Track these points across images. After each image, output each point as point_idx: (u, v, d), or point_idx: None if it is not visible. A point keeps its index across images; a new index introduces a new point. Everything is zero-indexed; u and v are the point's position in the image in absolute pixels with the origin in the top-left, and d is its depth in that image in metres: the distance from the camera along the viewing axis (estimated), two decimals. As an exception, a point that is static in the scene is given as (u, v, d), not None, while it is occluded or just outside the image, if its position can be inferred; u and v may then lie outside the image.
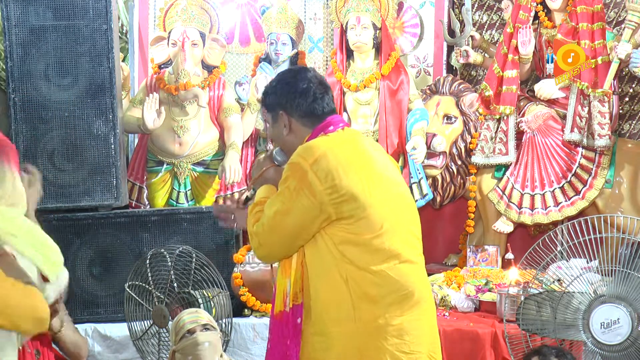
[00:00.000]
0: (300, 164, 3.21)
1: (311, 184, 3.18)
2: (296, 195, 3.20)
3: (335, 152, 3.24)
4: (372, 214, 3.22)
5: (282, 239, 3.26)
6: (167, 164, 6.24)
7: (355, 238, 3.20)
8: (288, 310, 3.28)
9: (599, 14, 5.85)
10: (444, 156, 6.15)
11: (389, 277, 3.21)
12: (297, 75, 3.45)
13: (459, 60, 6.40)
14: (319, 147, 3.24)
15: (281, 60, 6.36)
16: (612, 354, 4.49)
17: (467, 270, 5.93)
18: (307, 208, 3.19)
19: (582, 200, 5.90)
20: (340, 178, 3.19)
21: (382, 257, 3.22)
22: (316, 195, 3.18)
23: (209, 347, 4.37)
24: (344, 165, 3.23)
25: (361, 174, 3.26)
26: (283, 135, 3.40)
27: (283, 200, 3.23)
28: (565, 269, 4.76)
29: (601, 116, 5.76)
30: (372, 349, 3.19)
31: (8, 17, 5.52)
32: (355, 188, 3.20)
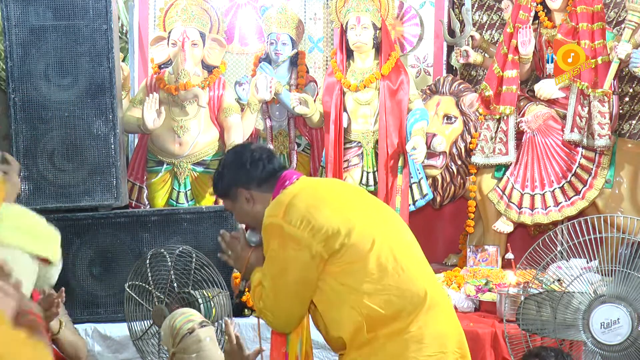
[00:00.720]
0: (272, 222, 3.22)
1: (292, 235, 3.16)
2: (283, 252, 3.18)
3: (299, 197, 3.25)
4: (360, 234, 3.19)
5: (291, 300, 3.24)
6: (167, 164, 6.24)
7: (352, 266, 3.17)
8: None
9: (599, 14, 5.85)
10: (444, 156, 6.15)
11: (397, 289, 3.17)
12: (238, 152, 3.51)
13: (459, 60, 6.40)
14: (282, 200, 3.26)
15: (281, 60, 6.36)
16: (612, 354, 4.49)
17: (467, 270, 5.94)
18: (299, 259, 3.16)
19: (582, 200, 5.91)
20: (315, 218, 3.17)
21: (383, 271, 3.19)
22: (301, 243, 3.15)
23: (211, 342, 4.40)
24: (312, 204, 3.22)
25: (332, 204, 3.26)
26: (248, 210, 3.41)
27: (274, 263, 3.22)
28: (565, 269, 4.76)
29: (601, 116, 5.77)
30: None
31: (8, 17, 5.52)
32: (332, 221, 3.18)
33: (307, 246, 3.14)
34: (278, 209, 3.21)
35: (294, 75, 6.40)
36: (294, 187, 3.33)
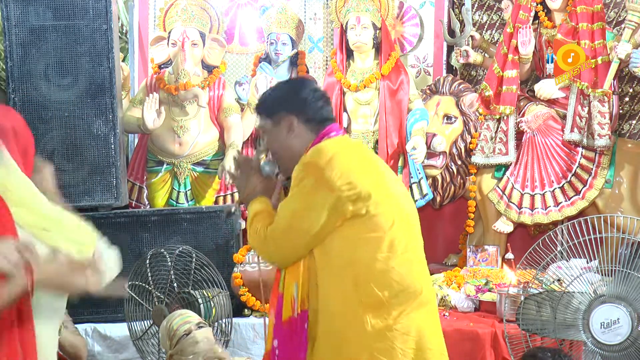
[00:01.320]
0: (315, 162, 3.21)
1: (328, 181, 3.17)
2: (314, 193, 3.18)
3: (345, 153, 3.28)
4: (384, 211, 3.22)
5: (300, 238, 3.22)
6: (167, 164, 6.25)
7: (367, 236, 3.19)
8: (296, 316, 3.26)
9: (598, 14, 5.85)
10: (444, 156, 6.15)
11: (399, 275, 3.20)
12: (303, 82, 3.51)
13: (459, 60, 6.40)
14: (329, 148, 3.26)
15: (281, 60, 6.36)
16: (612, 353, 4.49)
17: (467, 270, 5.94)
18: (325, 205, 3.17)
19: (582, 200, 5.91)
20: (354, 176, 3.20)
21: (393, 254, 3.21)
22: (334, 191, 3.16)
23: (207, 343, 4.41)
24: (355, 164, 3.27)
25: (371, 174, 3.30)
26: (284, 139, 3.36)
27: (300, 200, 3.21)
28: (565, 269, 4.76)
29: (601, 116, 5.76)
30: (383, 350, 3.18)
31: (8, 17, 5.53)
32: (367, 185, 3.21)
33: (338, 197, 3.16)
34: (324, 154, 3.22)
35: (293, 75, 6.40)
36: (339, 140, 3.35)
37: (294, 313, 3.26)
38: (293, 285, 3.27)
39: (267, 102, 3.45)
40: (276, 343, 3.32)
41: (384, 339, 3.17)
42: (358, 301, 3.18)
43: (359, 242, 3.19)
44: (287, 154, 3.37)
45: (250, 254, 5.58)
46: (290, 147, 3.36)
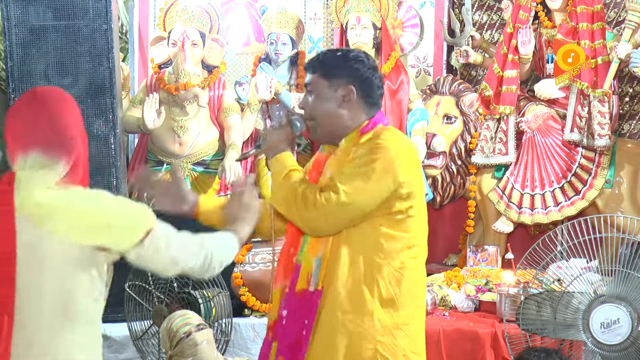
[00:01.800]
0: (390, 149, 3.15)
1: (396, 172, 3.13)
2: (380, 178, 3.12)
3: (411, 151, 3.29)
4: (419, 216, 3.25)
5: (351, 215, 3.15)
6: (167, 164, 6.24)
7: (398, 234, 3.20)
8: (312, 290, 3.22)
9: (599, 14, 5.85)
10: (443, 156, 6.15)
11: (414, 280, 3.23)
12: (368, 57, 3.35)
13: (459, 60, 6.40)
14: (401, 140, 3.25)
15: (281, 60, 6.36)
16: (612, 353, 4.49)
17: (467, 270, 5.94)
18: (384, 192, 3.14)
19: (582, 200, 5.91)
20: (413, 176, 3.21)
21: (415, 258, 3.25)
22: (395, 183, 3.14)
23: (207, 345, 4.40)
24: (415, 164, 3.28)
25: (421, 179, 3.33)
26: (336, 106, 3.25)
27: (366, 179, 3.12)
28: (565, 269, 4.76)
29: (601, 116, 5.76)
30: (386, 346, 3.19)
31: (8, 17, 5.52)
32: (417, 188, 3.23)
33: (396, 191, 3.14)
34: (400, 144, 3.19)
35: (294, 75, 6.40)
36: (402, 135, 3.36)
37: (309, 286, 3.22)
38: (314, 259, 3.23)
39: (328, 63, 3.29)
40: (285, 313, 3.28)
41: (389, 335, 3.18)
42: (371, 292, 3.17)
43: (389, 237, 3.19)
44: (332, 121, 3.26)
45: (250, 254, 5.57)
46: (339, 116, 3.25)
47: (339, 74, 3.24)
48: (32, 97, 2.85)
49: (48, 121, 2.80)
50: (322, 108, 3.25)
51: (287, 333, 3.26)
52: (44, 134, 2.75)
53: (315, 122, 3.28)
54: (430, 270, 6.15)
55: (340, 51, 3.36)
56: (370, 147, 3.16)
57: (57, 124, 2.80)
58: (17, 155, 2.75)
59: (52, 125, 2.78)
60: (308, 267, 3.24)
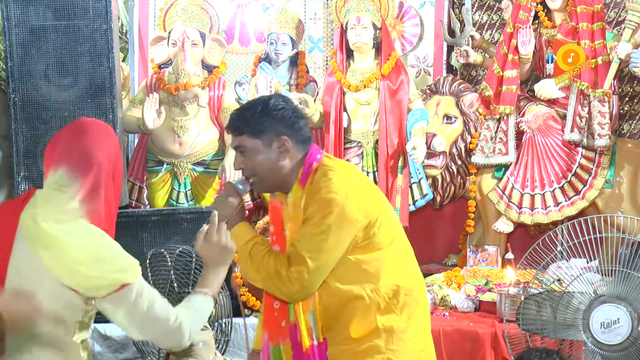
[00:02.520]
0: (335, 200, 3.15)
1: (350, 216, 3.15)
2: (338, 231, 3.15)
3: (354, 182, 3.26)
4: (387, 228, 3.26)
5: (325, 273, 3.20)
6: (167, 164, 6.25)
7: (372, 255, 3.23)
8: (317, 343, 3.26)
9: (599, 13, 5.85)
10: (444, 156, 6.15)
11: (404, 282, 3.27)
12: (286, 100, 3.37)
13: (459, 60, 6.40)
14: (341, 180, 3.21)
15: (281, 60, 6.36)
16: (612, 353, 4.49)
17: (467, 270, 5.94)
18: (347, 239, 3.17)
19: (582, 200, 5.91)
20: (367, 205, 3.22)
21: (397, 265, 3.28)
22: (355, 225, 3.16)
23: (204, 347, 4.38)
24: (364, 192, 3.27)
25: (375, 197, 3.32)
26: (274, 160, 3.26)
27: (326, 237, 3.15)
28: (565, 269, 4.76)
29: (601, 116, 5.76)
30: (398, 352, 3.23)
31: (8, 17, 5.52)
32: (376, 210, 3.24)
33: (357, 229, 3.17)
34: (340, 188, 3.17)
35: (294, 75, 6.40)
36: (341, 167, 3.31)
37: (315, 341, 3.26)
38: (308, 314, 3.26)
39: (253, 121, 3.26)
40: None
41: (398, 342, 3.23)
42: (373, 316, 3.21)
43: (366, 262, 3.22)
44: (276, 175, 3.28)
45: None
46: (281, 168, 3.26)
47: (267, 130, 3.23)
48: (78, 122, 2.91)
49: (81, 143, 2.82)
50: (263, 164, 3.26)
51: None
52: (71, 153, 2.79)
53: (258, 177, 3.29)
54: (430, 270, 6.17)
55: (259, 104, 3.31)
56: (319, 204, 3.16)
57: (87, 147, 2.82)
58: (48, 171, 2.80)
59: (82, 147, 2.81)
60: (307, 323, 3.27)
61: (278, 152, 3.24)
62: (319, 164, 3.25)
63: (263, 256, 3.22)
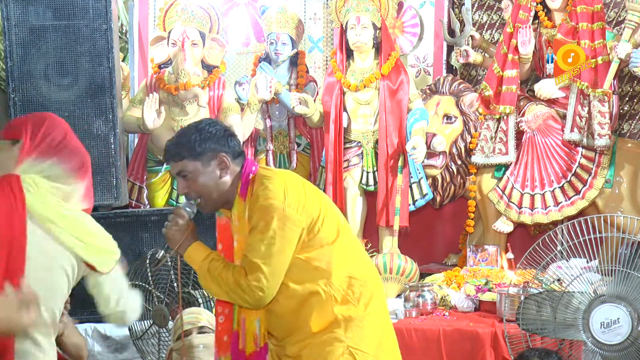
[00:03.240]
0: (273, 204, 3.32)
1: (291, 218, 3.31)
2: (282, 232, 3.30)
3: (290, 185, 3.40)
4: (330, 224, 3.43)
5: (281, 275, 3.35)
6: (166, 164, 6.24)
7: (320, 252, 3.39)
8: (259, 349, 3.46)
9: (598, 13, 5.85)
10: (443, 156, 6.15)
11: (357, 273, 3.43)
12: (214, 122, 3.55)
13: (459, 60, 6.40)
14: (277, 186, 3.36)
15: (281, 60, 6.36)
16: (612, 353, 4.49)
17: (467, 270, 5.93)
18: (293, 239, 3.33)
19: (582, 200, 5.90)
20: (307, 204, 3.37)
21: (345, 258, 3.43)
22: (298, 225, 3.33)
23: (204, 350, 4.36)
24: (302, 193, 3.41)
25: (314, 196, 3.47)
26: (215, 177, 3.43)
27: (273, 241, 3.30)
28: (565, 269, 4.76)
29: (601, 116, 5.76)
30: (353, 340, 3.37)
31: (8, 17, 5.52)
32: (317, 208, 3.40)
33: (300, 227, 3.33)
34: (277, 193, 3.33)
35: (293, 75, 6.41)
36: (276, 174, 3.47)
37: (257, 347, 3.46)
38: (255, 321, 3.45)
39: (190, 145, 3.42)
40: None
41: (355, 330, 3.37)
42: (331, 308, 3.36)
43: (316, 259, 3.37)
44: (219, 191, 3.45)
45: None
46: (224, 184, 3.45)
47: (205, 151, 3.42)
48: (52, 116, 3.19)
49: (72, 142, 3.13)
50: (206, 184, 3.44)
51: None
52: (63, 149, 3.05)
53: (204, 198, 3.47)
54: (430, 270, 6.18)
55: (192, 129, 3.49)
56: (260, 211, 3.33)
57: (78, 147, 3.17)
58: (24, 156, 2.94)
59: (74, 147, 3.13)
60: (251, 330, 3.46)
61: (219, 169, 3.44)
62: (255, 175, 3.43)
63: (221, 271, 3.37)
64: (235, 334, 3.49)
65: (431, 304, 5.37)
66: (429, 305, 5.35)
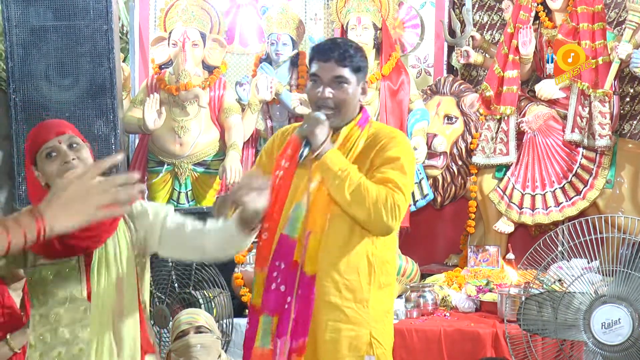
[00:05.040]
0: (410, 149, 3.52)
1: (414, 168, 3.54)
2: (411, 173, 3.46)
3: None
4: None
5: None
6: (167, 165, 6.24)
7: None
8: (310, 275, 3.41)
9: (599, 14, 5.85)
10: (444, 156, 6.15)
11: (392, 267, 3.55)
12: None
13: (460, 60, 6.40)
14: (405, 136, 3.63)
15: (282, 60, 6.36)
16: (613, 354, 4.48)
17: (468, 271, 5.93)
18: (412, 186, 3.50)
19: (583, 200, 5.90)
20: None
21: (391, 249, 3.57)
22: (414, 176, 3.49)
23: (201, 350, 4.35)
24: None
25: None
26: (355, 97, 3.48)
27: (409, 175, 3.42)
28: (566, 269, 4.76)
29: (602, 116, 5.76)
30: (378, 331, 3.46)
31: (9, 17, 5.53)
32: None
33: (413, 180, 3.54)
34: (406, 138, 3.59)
35: (294, 76, 6.40)
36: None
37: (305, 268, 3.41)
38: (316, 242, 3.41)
39: (357, 59, 3.47)
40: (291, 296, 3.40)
41: (380, 322, 3.45)
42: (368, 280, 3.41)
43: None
44: (351, 110, 3.48)
45: (251, 255, 5.57)
46: (356, 106, 3.50)
47: (362, 70, 3.50)
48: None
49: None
50: (350, 100, 3.46)
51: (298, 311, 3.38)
52: None
53: (338, 110, 3.45)
54: (431, 270, 6.17)
55: (358, 47, 3.55)
56: (399, 145, 3.42)
57: None
58: None
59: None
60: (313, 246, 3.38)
61: (361, 92, 3.50)
62: (379, 123, 3.72)
63: (367, 182, 3.34)
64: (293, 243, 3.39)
65: (432, 305, 5.36)
66: (430, 305, 5.35)
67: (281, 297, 3.37)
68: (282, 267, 3.39)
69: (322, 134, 3.35)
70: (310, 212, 3.38)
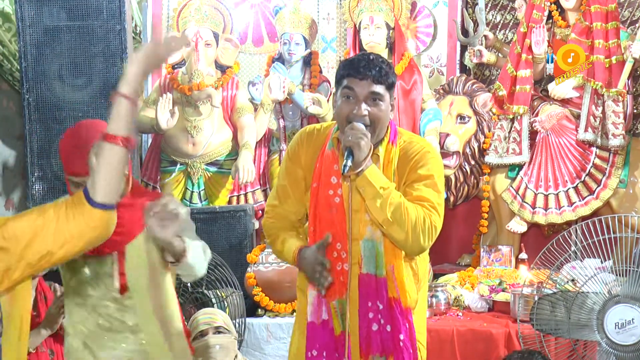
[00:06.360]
0: (438, 157, 3.56)
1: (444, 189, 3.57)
2: (442, 188, 3.52)
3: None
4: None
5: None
6: (180, 164, 6.25)
7: None
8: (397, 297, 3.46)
9: (613, 13, 5.83)
10: (457, 156, 6.14)
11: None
12: None
13: (473, 59, 6.39)
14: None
15: (294, 60, 6.36)
16: (627, 354, 4.47)
17: (481, 271, 5.93)
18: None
19: (596, 200, 5.89)
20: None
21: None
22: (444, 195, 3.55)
23: (220, 351, 4.36)
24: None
25: None
26: (387, 113, 3.48)
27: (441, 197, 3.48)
28: (579, 269, 4.75)
29: (615, 116, 5.75)
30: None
31: (22, 17, 5.54)
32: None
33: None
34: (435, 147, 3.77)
35: (307, 75, 6.40)
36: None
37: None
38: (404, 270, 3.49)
39: (390, 76, 3.48)
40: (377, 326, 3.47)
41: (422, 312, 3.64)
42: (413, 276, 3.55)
43: None
44: (383, 126, 3.46)
45: (263, 254, 5.57)
46: (387, 121, 3.48)
47: (393, 87, 3.50)
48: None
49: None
50: (385, 117, 3.47)
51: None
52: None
53: (374, 126, 3.44)
54: (443, 270, 6.16)
55: (386, 60, 3.54)
56: (433, 160, 3.48)
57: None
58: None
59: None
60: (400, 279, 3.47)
61: (392, 108, 3.51)
62: (408, 132, 3.66)
63: (405, 202, 3.37)
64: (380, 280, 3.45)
65: (445, 304, 5.36)
66: (443, 305, 5.35)
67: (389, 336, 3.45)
68: (381, 307, 3.45)
69: (367, 146, 3.34)
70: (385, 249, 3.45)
